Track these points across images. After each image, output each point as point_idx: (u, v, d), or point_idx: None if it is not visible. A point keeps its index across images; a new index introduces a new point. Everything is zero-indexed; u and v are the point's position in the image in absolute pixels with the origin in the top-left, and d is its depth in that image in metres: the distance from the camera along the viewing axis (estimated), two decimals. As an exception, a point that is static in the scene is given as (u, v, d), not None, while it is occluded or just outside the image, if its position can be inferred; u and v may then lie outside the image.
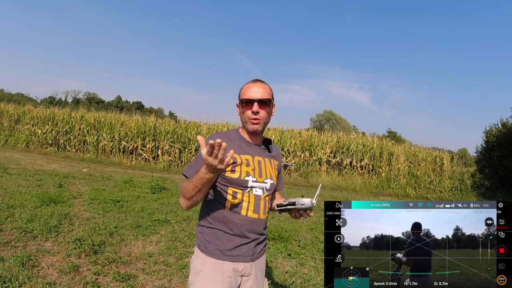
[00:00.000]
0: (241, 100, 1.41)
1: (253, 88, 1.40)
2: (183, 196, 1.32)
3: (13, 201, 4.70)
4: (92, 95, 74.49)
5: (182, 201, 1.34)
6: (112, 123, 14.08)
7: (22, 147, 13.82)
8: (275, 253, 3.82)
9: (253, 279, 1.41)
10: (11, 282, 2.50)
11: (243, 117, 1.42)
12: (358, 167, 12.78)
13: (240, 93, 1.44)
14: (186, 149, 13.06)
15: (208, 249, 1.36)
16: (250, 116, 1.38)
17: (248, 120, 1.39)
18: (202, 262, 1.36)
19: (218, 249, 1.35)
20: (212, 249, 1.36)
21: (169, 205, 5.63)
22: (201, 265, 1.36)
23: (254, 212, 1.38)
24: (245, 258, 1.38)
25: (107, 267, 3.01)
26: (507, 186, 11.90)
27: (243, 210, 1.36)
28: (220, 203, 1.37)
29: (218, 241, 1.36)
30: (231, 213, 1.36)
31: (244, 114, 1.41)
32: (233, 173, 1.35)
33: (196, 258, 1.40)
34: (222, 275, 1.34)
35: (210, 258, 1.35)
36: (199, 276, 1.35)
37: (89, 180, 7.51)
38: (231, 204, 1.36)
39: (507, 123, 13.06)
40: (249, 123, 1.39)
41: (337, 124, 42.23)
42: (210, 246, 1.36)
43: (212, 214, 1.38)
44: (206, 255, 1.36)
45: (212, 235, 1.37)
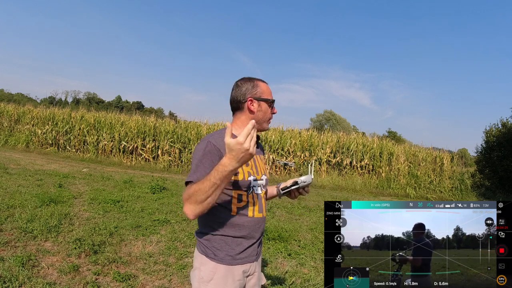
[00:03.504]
0: (269, 100, 1.43)
1: (270, 90, 1.46)
2: (193, 201, 1.15)
3: (13, 201, 4.70)
4: (92, 95, 74.53)
5: (191, 208, 1.16)
6: (112, 123, 14.09)
7: (22, 147, 13.82)
8: (275, 253, 3.81)
9: (256, 277, 1.44)
10: (11, 282, 2.50)
11: (264, 116, 1.42)
12: (358, 167, 12.78)
13: (262, 91, 1.42)
14: (186, 149, 13.05)
15: (219, 256, 1.33)
16: (270, 117, 1.44)
17: (267, 120, 1.44)
18: (212, 270, 1.32)
19: (229, 255, 1.33)
20: (222, 256, 1.32)
21: (169, 205, 5.63)
22: (211, 273, 1.32)
23: (259, 212, 1.39)
24: (251, 259, 1.38)
25: (107, 267, 3.01)
26: (507, 186, 11.90)
27: (249, 212, 1.35)
28: (225, 208, 1.33)
29: (227, 246, 1.33)
30: (238, 216, 1.33)
31: (266, 113, 1.42)
32: (237, 175, 1.31)
33: (203, 266, 1.34)
34: (233, 279, 1.33)
35: (221, 265, 1.32)
36: (209, 284, 1.32)
37: (89, 180, 7.51)
38: (237, 208, 1.33)
39: (507, 123, 13.06)
40: (267, 123, 1.44)
41: (337, 124, 42.23)
42: (220, 253, 1.33)
43: (218, 220, 1.33)
44: (217, 262, 1.32)
45: (221, 241, 1.33)
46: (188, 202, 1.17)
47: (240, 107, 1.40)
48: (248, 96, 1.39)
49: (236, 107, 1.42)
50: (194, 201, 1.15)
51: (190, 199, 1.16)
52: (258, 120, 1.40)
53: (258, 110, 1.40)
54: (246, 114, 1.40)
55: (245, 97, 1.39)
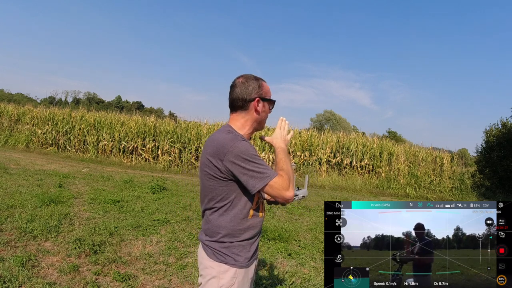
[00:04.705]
0: (272, 101, 1.45)
1: None
2: (291, 182, 1.27)
3: (13, 201, 4.70)
4: (92, 95, 74.44)
5: (291, 190, 1.25)
6: (112, 123, 14.09)
7: (22, 147, 13.82)
8: (275, 253, 3.81)
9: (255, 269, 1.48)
10: (11, 282, 2.50)
11: (265, 116, 1.44)
12: (358, 167, 12.78)
13: (267, 91, 1.42)
14: (186, 149, 13.05)
15: (239, 262, 1.33)
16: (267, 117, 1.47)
17: (265, 120, 1.45)
18: (233, 276, 1.32)
19: (246, 258, 1.35)
20: (242, 260, 1.33)
21: (169, 205, 5.63)
22: (233, 279, 1.32)
23: (263, 211, 1.44)
24: (258, 254, 1.44)
25: (107, 267, 3.01)
26: (507, 186, 11.90)
27: (260, 213, 1.39)
28: (244, 214, 1.33)
29: (245, 250, 1.35)
30: (253, 219, 1.36)
31: (267, 114, 1.45)
32: None
33: (223, 274, 1.32)
34: (248, 278, 1.37)
35: (241, 269, 1.33)
36: None
37: (89, 180, 7.51)
38: (253, 211, 1.36)
39: (507, 123, 13.06)
40: (265, 123, 1.46)
41: (337, 124, 42.21)
42: (240, 258, 1.33)
43: (238, 228, 1.33)
44: (237, 268, 1.33)
45: (240, 247, 1.34)
46: (289, 185, 1.26)
47: (245, 106, 1.37)
48: (255, 95, 1.37)
49: (241, 105, 1.37)
50: (291, 182, 1.28)
51: (290, 181, 1.27)
52: (261, 120, 1.41)
53: (263, 111, 1.41)
54: (251, 114, 1.38)
55: (251, 97, 1.36)
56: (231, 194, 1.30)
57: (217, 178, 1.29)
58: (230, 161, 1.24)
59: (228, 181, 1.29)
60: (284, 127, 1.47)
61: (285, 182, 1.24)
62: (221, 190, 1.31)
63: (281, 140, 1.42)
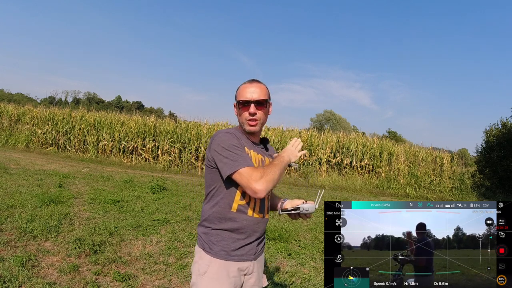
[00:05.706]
0: (238, 102, 1.42)
1: (249, 89, 1.41)
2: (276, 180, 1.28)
3: (13, 201, 4.70)
4: (92, 95, 74.44)
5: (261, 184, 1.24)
6: (112, 123, 14.09)
7: (22, 147, 13.82)
8: (275, 253, 3.82)
9: (255, 277, 1.43)
10: (11, 282, 2.50)
11: (240, 118, 1.43)
12: (358, 167, 12.79)
13: (237, 94, 1.44)
14: (186, 149, 13.06)
15: (214, 250, 1.35)
16: (247, 117, 1.40)
17: (246, 121, 1.41)
18: (207, 263, 1.35)
19: (224, 250, 1.35)
20: (217, 250, 1.35)
21: (169, 205, 5.63)
22: (206, 266, 1.35)
23: (259, 212, 1.40)
24: (248, 257, 1.39)
25: (107, 267, 3.01)
26: (507, 186, 11.90)
27: (249, 211, 1.37)
28: (227, 204, 1.36)
29: (223, 241, 1.35)
30: (238, 213, 1.35)
31: (241, 115, 1.42)
32: None
33: (200, 260, 1.38)
34: (228, 275, 1.34)
35: (216, 259, 1.34)
36: (204, 277, 1.34)
37: (89, 180, 7.51)
38: (239, 205, 1.36)
39: (507, 123, 13.06)
40: (247, 124, 1.41)
41: (337, 124, 42.20)
42: (216, 247, 1.35)
43: (218, 215, 1.36)
44: (212, 256, 1.35)
45: (217, 236, 1.36)
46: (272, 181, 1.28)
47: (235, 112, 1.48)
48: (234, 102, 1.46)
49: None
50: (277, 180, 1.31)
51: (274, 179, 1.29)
52: (240, 123, 1.45)
53: (238, 114, 1.45)
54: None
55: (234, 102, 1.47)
56: (215, 182, 1.38)
57: (207, 166, 1.41)
58: (213, 149, 1.35)
59: (213, 168, 1.37)
60: (297, 146, 1.50)
61: (257, 174, 1.25)
62: (209, 178, 1.41)
63: (289, 153, 1.45)
